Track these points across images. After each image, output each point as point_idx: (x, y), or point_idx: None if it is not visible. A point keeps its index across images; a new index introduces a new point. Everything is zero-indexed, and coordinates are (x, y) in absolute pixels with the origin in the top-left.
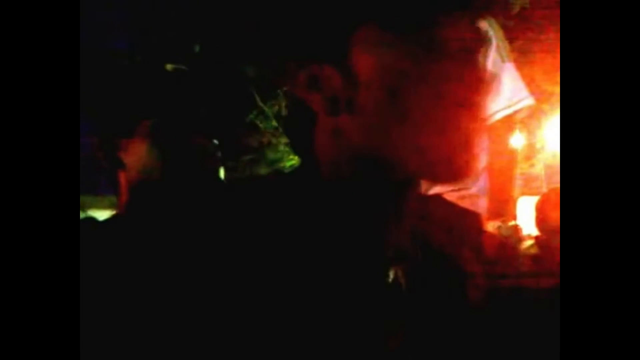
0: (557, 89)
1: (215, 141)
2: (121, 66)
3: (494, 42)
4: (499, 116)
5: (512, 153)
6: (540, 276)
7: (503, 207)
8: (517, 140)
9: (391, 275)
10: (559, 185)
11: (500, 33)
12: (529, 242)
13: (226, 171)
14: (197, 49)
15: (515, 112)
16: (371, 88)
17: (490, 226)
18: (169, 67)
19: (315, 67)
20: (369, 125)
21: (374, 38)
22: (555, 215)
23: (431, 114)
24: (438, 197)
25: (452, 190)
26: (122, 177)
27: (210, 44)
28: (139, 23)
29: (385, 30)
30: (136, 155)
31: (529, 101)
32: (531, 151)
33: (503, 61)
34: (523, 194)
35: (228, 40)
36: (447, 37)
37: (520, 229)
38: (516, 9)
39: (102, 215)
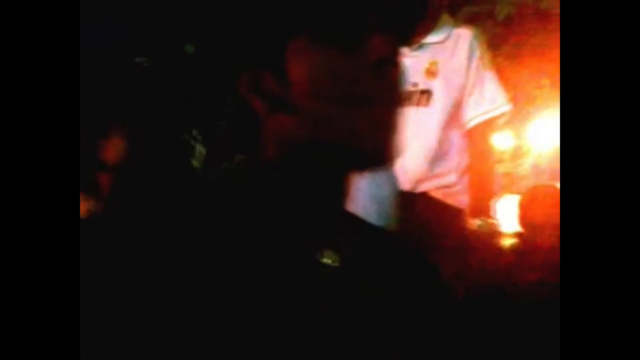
0: (542, 92)
1: (197, 135)
2: (96, 66)
3: (478, 51)
4: (479, 120)
5: (494, 153)
6: (523, 271)
7: (484, 206)
8: (503, 141)
9: (325, 258)
10: (542, 183)
11: (484, 42)
12: (512, 239)
13: (221, 172)
14: (191, 49)
15: (496, 117)
16: (303, 91)
17: (471, 224)
18: (139, 60)
19: (254, 72)
20: (303, 122)
21: (305, 47)
22: (538, 212)
23: (353, 112)
24: (424, 194)
25: (438, 188)
26: (103, 178)
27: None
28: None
29: (316, 41)
30: (114, 154)
31: (507, 108)
32: (518, 152)
33: (485, 69)
34: (510, 193)
35: (213, 39)
36: (371, 50)
37: (501, 226)
38: (502, 16)
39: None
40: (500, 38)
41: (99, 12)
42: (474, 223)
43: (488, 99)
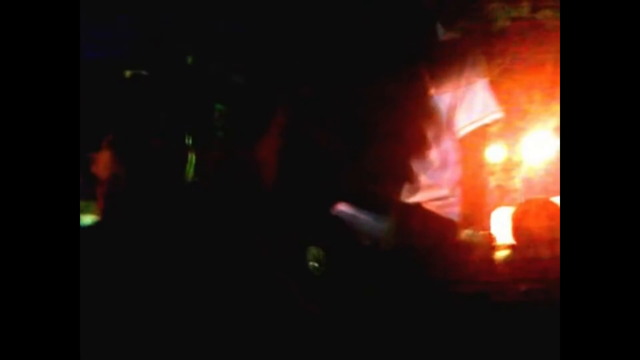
0: (534, 107)
1: (184, 142)
2: (86, 80)
3: (470, 59)
4: (470, 128)
5: (485, 164)
6: (515, 283)
7: (475, 215)
8: (495, 154)
9: (311, 254)
10: (536, 197)
11: (478, 50)
12: (504, 251)
13: (215, 178)
14: (189, 60)
15: (487, 125)
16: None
17: (463, 234)
18: (127, 73)
19: (310, 89)
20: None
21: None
22: (531, 225)
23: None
24: (417, 205)
25: (432, 200)
26: (98, 188)
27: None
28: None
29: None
30: (105, 166)
31: (498, 115)
32: (510, 164)
33: (476, 77)
34: (501, 205)
35: (216, 49)
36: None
37: (493, 237)
38: (496, 28)
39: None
40: (494, 51)
41: (89, 27)
42: (464, 233)
43: (479, 107)
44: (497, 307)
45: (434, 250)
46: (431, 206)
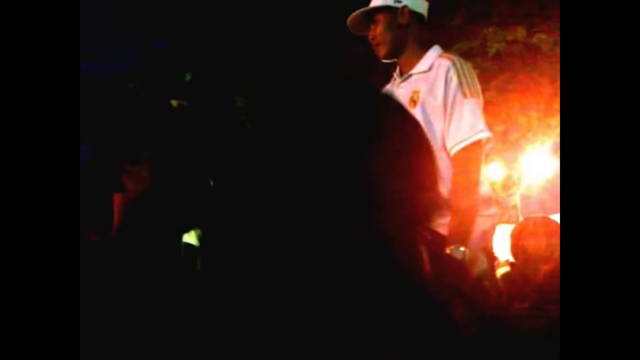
0: (531, 124)
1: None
2: (128, 95)
3: (456, 79)
4: (458, 148)
5: (476, 183)
6: (514, 300)
7: (460, 232)
8: (494, 171)
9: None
10: (535, 214)
11: (466, 70)
12: (504, 268)
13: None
14: (187, 77)
15: (479, 145)
16: None
17: (447, 250)
18: (174, 102)
19: None
20: None
21: None
22: (529, 243)
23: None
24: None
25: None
26: (118, 199)
27: (204, 73)
28: (139, 49)
29: None
30: (139, 180)
31: (485, 134)
32: (509, 182)
33: (465, 96)
34: (500, 222)
35: (221, 70)
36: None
37: (477, 255)
38: (492, 52)
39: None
40: (491, 73)
41: (134, 42)
42: (449, 249)
43: (466, 126)
44: (494, 325)
45: (432, 269)
46: (433, 225)
